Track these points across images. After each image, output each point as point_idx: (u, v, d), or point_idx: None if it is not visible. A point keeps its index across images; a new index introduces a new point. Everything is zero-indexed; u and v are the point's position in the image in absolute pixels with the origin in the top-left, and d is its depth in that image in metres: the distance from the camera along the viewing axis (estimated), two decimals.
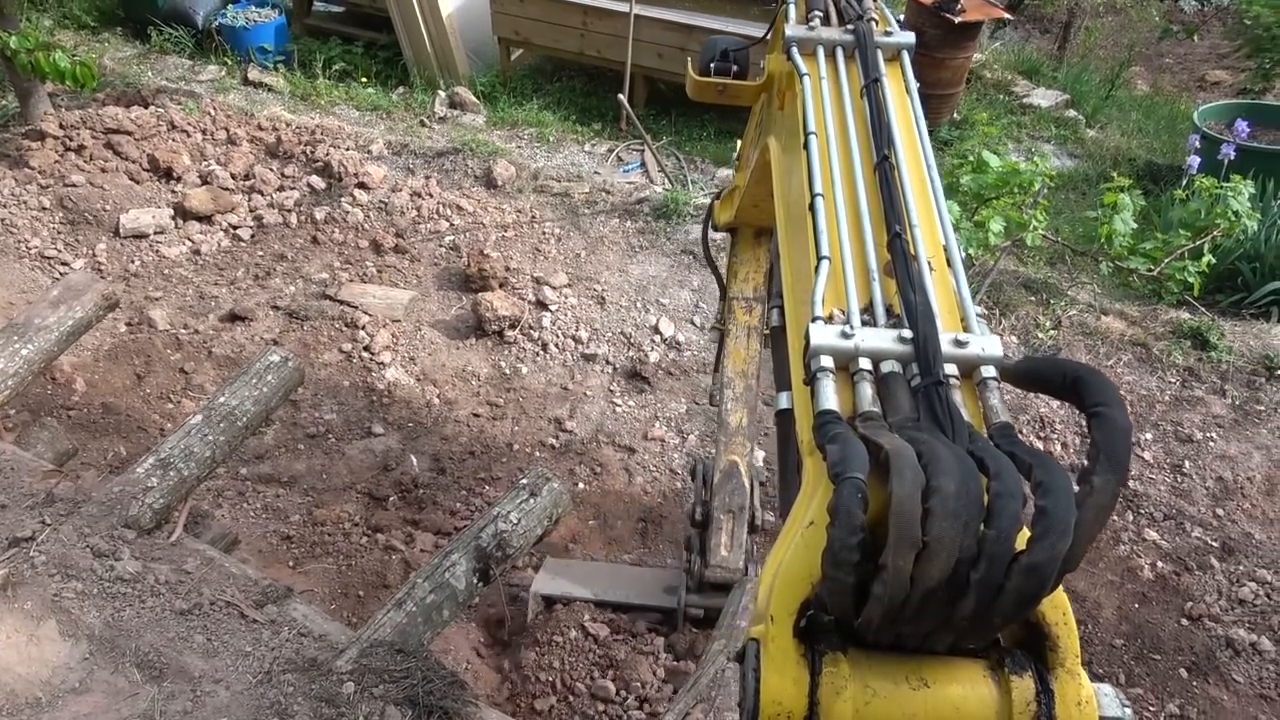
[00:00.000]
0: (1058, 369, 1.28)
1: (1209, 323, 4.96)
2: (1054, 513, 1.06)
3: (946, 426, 1.22)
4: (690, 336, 5.12)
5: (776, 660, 1.17)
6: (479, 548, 2.41)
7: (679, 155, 7.04)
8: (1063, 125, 7.59)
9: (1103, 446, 1.13)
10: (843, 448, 1.15)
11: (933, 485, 1.06)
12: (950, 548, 1.06)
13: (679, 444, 4.53)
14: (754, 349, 3.23)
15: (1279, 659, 3.67)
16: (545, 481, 2.54)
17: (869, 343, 1.35)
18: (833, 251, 1.51)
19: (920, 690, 1.16)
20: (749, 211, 3.06)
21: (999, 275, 5.26)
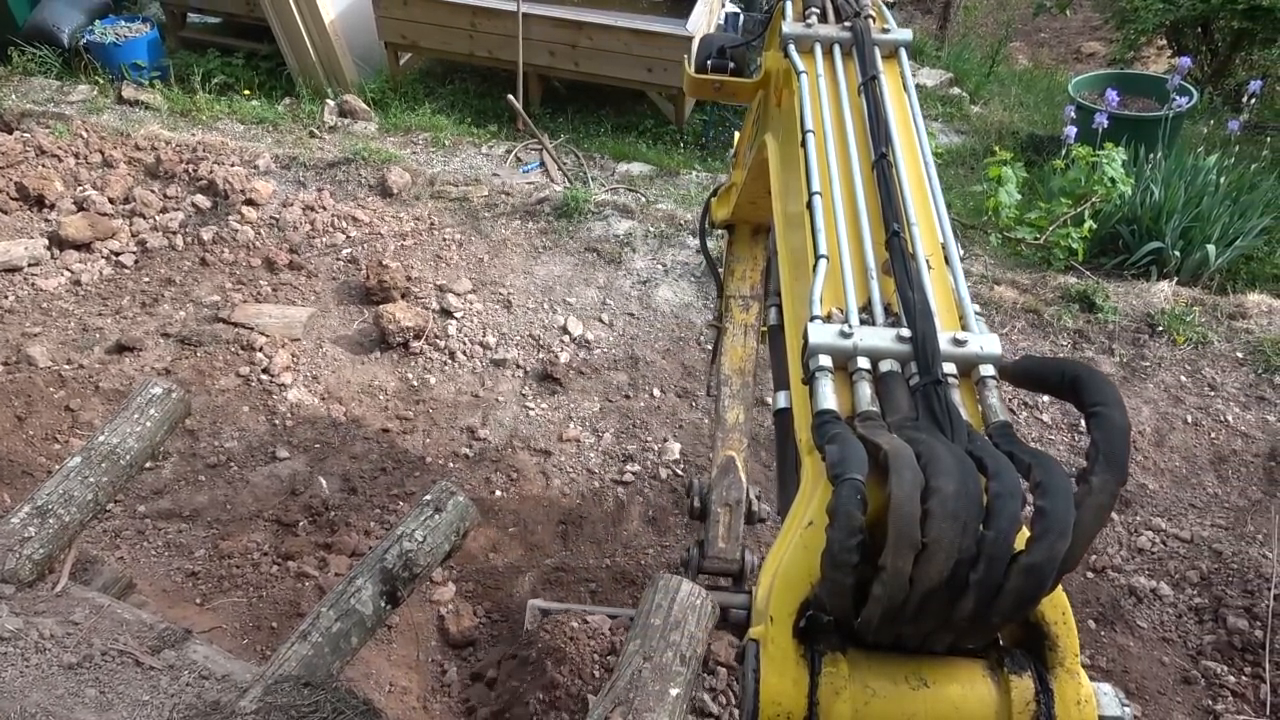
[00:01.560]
0: (1056, 369, 1.28)
1: (1094, 286, 5.18)
2: (1053, 513, 1.06)
3: (945, 426, 1.22)
4: (600, 334, 5.09)
5: (776, 661, 1.17)
6: (385, 570, 2.34)
7: (578, 153, 7.00)
8: (948, 103, 7.82)
9: (1101, 446, 1.13)
10: (841, 448, 1.14)
11: (932, 486, 1.06)
12: (949, 549, 1.05)
13: (594, 443, 4.51)
14: (750, 346, 3.23)
15: (1177, 603, 3.86)
16: (450, 496, 2.49)
17: (867, 342, 1.34)
18: (831, 250, 1.50)
19: (920, 690, 1.16)
20: (746, 209, 3.04)
21: None
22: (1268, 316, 5.00)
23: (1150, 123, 6.21)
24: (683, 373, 4.87)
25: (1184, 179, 5.78)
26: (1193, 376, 4.75)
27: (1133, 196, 5.73)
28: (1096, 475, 1.10)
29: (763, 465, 4.33)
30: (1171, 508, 4.20)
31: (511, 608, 3.76)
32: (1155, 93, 6.68)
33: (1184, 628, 3.77)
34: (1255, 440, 4.51)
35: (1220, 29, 8.30)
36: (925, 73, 8.28)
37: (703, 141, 7.32)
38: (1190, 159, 5.91)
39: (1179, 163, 5.92)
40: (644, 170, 6.75)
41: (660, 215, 5.87)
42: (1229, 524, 4.11)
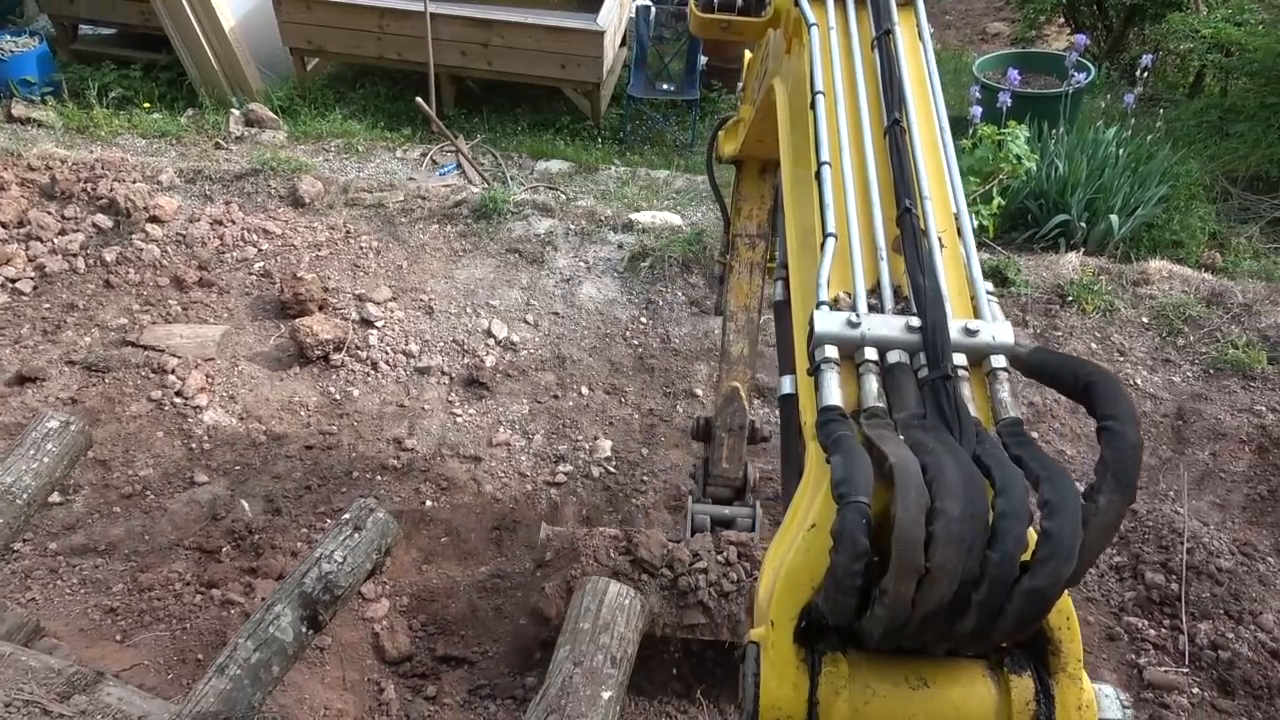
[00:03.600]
0: (1070, 370, 1.24)
1: (1006, 260, 5.32)
2: (1059, 536, 1.04)
3: (953, 424, 1.19)
4: (525, 336, 5.05)
5: (776, 666, 1.16)
6: (304, 594, 2.27)
7: (495, 153, 6.92)
8: None
9: (1111, 464, 1.10)
10: (846, 461, 1.11)
11: (937, 508, 1.04)
12: (953, 574, 1.04)
13: (525, 446, 4.47)
14: (756, 284, 3.28)
15: (1099, 563, 3.98)
16: (369, 513, 2.43)
17: (875, 331, 1.29)
18: (839, 228, 1.44)
19: (919, 690, 1.16)
20: (754, 146, 2.98)
21: None
22: (1169, 282, 5.20)
23: (1051, 99, 6.39)
24: (610, 370, 4.85)
25: (1086, 153, 5.97)
26: (1102, 343, 4.91)
27: (1038, 172, 5.89)
28: (1104, 495, 1.08)
29: None
30: (1089, 472, 4.33)
31: (448, 619, 3.71)
32: (1056, 70, 6.88)
33: (1106, 586, 3.90)
34: (1163, 401, 4.68)
35: (1114, 5, 8.59)
36: None
37: (620, 136, 7.30)
38: (1091, 133, 6.10)
39: (1080, 137, 6.11)
40: (563, 167, 6.71)
41: (581, 212, 5.84)
42: (1142, 484, 4.26)
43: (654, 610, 3.12)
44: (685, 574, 3.21)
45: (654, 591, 3.17)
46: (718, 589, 3.19)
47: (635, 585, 3.14)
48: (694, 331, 5.01)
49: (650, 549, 3.27)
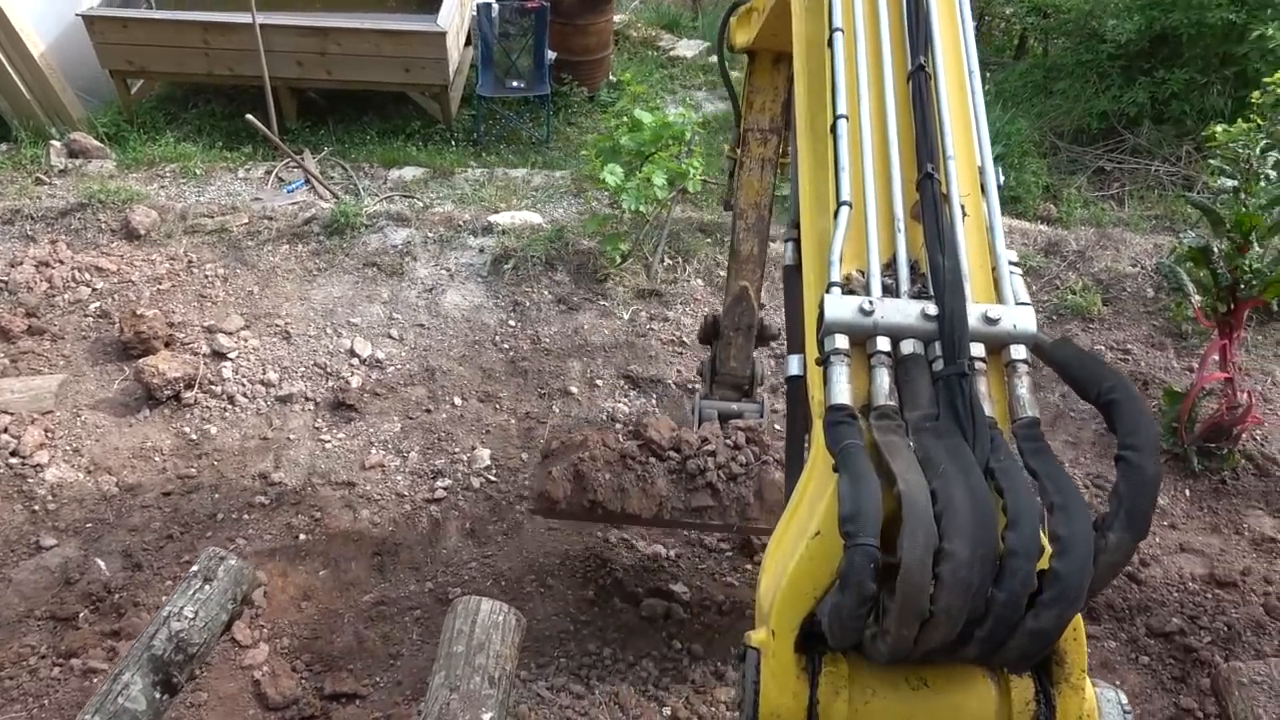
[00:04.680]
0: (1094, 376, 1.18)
1: None
2: (1067, 580, 1.01)
3: (967, 427, 1.14)
4: (390, 351, 4.90)
5: (777, 675, 1.15)
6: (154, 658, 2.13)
7: (345, 164, 6.69)
8: (709, 71, 8.03)
9: (1126, 500, 1.07)
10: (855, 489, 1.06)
11: (945, 550, 1.00)
12: (957, 618, 1.02)
13: (400, 465, 4.34)
14: (767, 181, 3.19)
15: None
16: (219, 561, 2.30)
17: (890, 319, 1.22)
18: (855, 196, 1.34)
19: (919, 690, 1.14)
20: (768, 39, 2.83)
21: (675, 224, 5.48)
22: (1009, 236, 5.46)
23: None
24: (482, 377, 4.77)
25: None
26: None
27: None
28: (1115, 533, 1.05)
29: None
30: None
31: (334, 655, 3.57)
32: None
33: None
34: None
35: None
36: (684, 44, 8.47)
37: (474, 137, 7.17)
38: None
39: None
40: (417, 174, 6.54)
41: (438, 218, 5.71)
42: None
43: (662, 493, 3.10)
44: (693, 456, 3.16)
45: (662, 474, 3.13)
46: (726, 471, 3.15)
47: (643, 468, 3.14)
48: (563, 329, 4.97)
49: (659, 431, 3.22)
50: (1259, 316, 4.81)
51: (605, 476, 3.15)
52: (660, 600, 3.71)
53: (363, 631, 3.64)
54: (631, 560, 3.89)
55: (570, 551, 3.92)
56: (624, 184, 4.94)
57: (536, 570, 3.87)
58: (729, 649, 3.56)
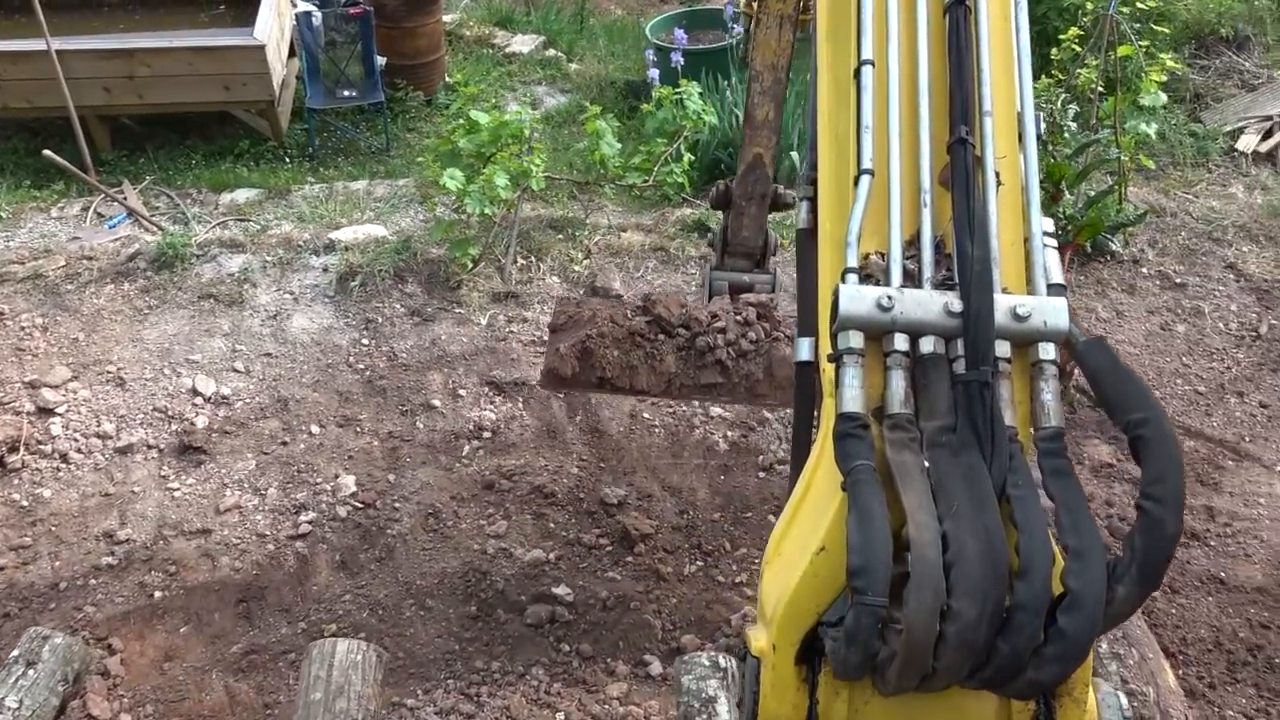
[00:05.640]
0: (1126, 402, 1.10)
1: (706, 213, 5.56)
2: (1073, 637, 0.99)
3: (985, 442, 1.08)
4: (237, 385, 4.65)
5: (777, 687, 1.14)
6: None
7: (170, 193, 6.30)
8: (547, 66, 7.97)
9: (1140, 554, 1.03)
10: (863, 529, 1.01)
11: (953, 609, 0.97)
12: (959, 673, 1.00)
13: (259, 504, 4.13)
14: (786, 40, 2.97)
15: None
16: (43, 642, 2.12)
17: (910, 314, 1.12)
18: (878, 163, 1.20)
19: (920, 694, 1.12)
20: None
21: (524, 224, 5.42)
22: None
23: (719, 52, 6.73)
24: (339, 401, 4.59)
25: None
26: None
27: (721, 123, 6.20)
28: (1125, 586, 1.02)
29: None
30: None
31: (203, 715, 3.37)
32: (720, 24, 7.24)
33: None
34: None
35: None
36: (519, 40, 8.37)
37: (309, 152, 6.88)
38: None
39: None
40: (251, 195, 6.22)
41: (276, 241, 5.46)
42: None
43: (670, 371, 3.05)
44: (703, 333, 3.09)
45: (671, 352, 3.08)
46: (735, 349, 3.10)
47: (652, 345, 3.08)
48: (420, 342, 4.84)
49: (668, 308, 3.15)
50: (1078, 259, 5.14)
51: (614, 354, 3.11)
52: (544, 605, 3.67)
53: (234, 685, 3.45)
54: (512, 569, 3.83)
55: (448, 569, 3.83)
56: (466, 188, 4.84)
57: (414, 593, 3.76)
58: (618, 644, 3.56)
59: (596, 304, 3.37)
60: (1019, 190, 1.23)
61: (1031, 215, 1.21)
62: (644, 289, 5.10)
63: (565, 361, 3.12)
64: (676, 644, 3.55)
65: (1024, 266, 1.20)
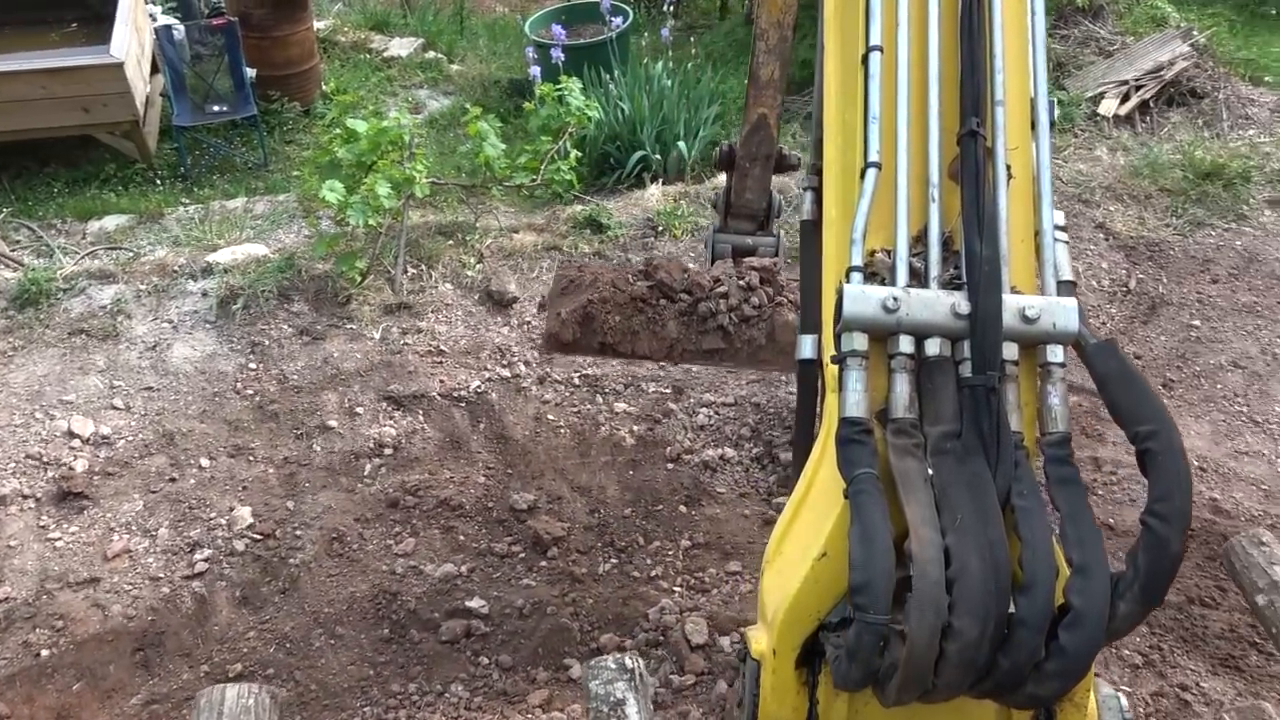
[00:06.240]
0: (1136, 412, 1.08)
1: (597, 208, 5.54)
2: (1073, 654, 0.99)
3: (991, 449, 1.06)
4: (118, 424, 4.42)
5: (777, 690, 1.14)
6: None
7: (31, 225, 5.95)
8: (428, 68, 7.82)
9: (1143, 574, 1.02)
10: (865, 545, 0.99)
11: (955, 628, 0.96)
12: (958, 689, 1.00)
13: (150, 546, 3.93)
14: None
15: (742, 460, 4.34)
16: None
17: (916, 315, 1.08)
18: (886, 155, 1.16)
19: None
20: None
21: (412, 232, 5.30)
22: None
23: (599, 47, 6.72)
24: (229, 430, 4.40)
25: (644, 90, 6.37)
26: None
27: (607, 117, 6.19)
28: (1126, 604, 1.02)
29: None
30: (713, 381, 4.70)
31: None
32: (599, 18, 7.22)
33: (753, 478, 4.27)
34: None
35: None
36: (397, 43, 8.19)
37: (182, 172, 6.59)
38: (643, 71, 6.51)
39: (635, 77, 6.49)
40: (121, 222, 5.93)
41: (150, 268, 5.20)
42: (759, 377, 4.70)
43: (672, 336, 3.02)
44: (705, 299, 3.06)
45: (673, 317, 3.05)
46: (738, 314, 3.07)
47: (654, 310, 3.04)
48: (311, 362, 4.69)
49: (671, 273, 3.11)
50: None
51: (615, 319, 3.08)
52: (459, 620, 3.60)
53: None
54: (423, 587, 3.74)
55: (356, 594, 3.72)
56: (347, 199, 4.70)
57: (323, 622, 3.64)
58: (537, 652, 3.52)
59: (598, 268, 3.32)
60: (1030, 181, 1.21)
61: (1043, 209, 1.19)
62: (540, 290, 5.05)
63: (566, 326, 3.10)
64: (596, 644, 3.53)
65: (1034, 263, 1.19)
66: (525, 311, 4.99)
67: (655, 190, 5.71)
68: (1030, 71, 1.23)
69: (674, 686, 3.34)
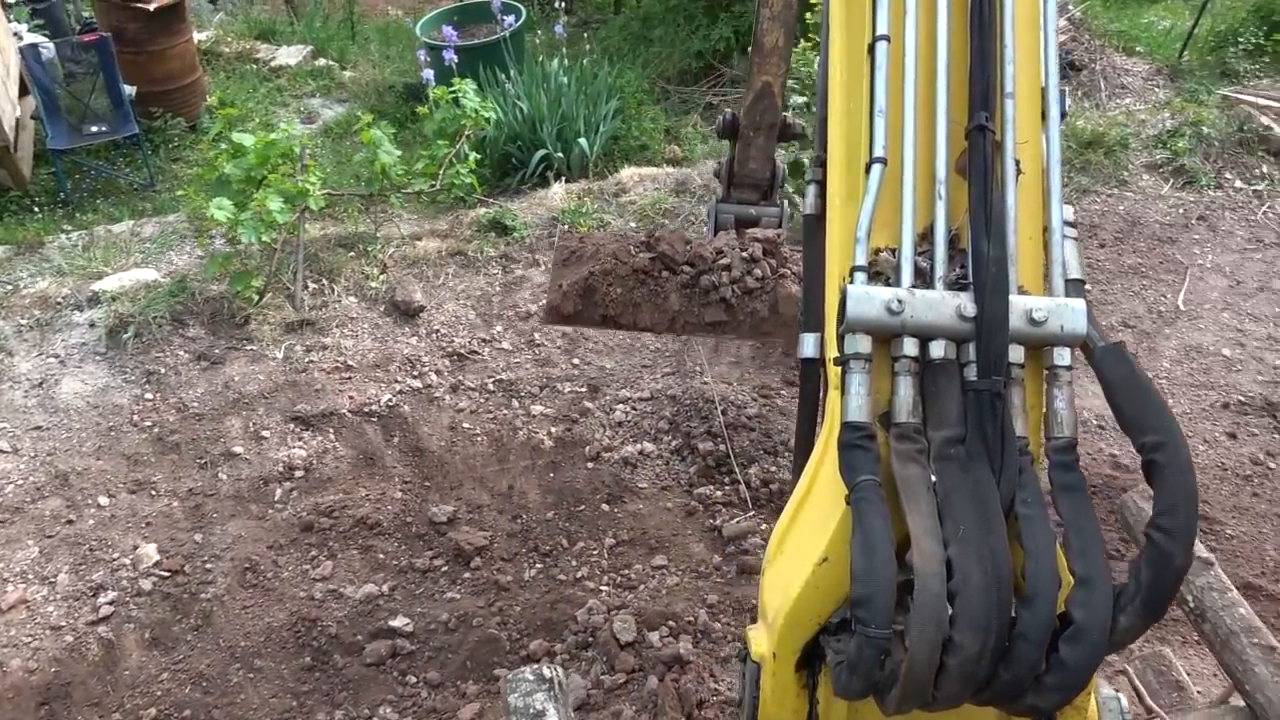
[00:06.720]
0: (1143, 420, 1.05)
1: (501, 210, 5.47)
2: (1074, 667, 0.99)
3: (995, 455, 1.05)
4: (5, 467, 4.18)
5: (777, 693, 1.14)
6: None
7: None
8: (319, 76, 7.61)
9: (1146, 586, 1.00)
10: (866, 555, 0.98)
11: (955, 642, 0.96)
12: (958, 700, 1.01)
13: (48, 594, 3.74)
14: None
15: (662, 453, 4.36)
16: None
17: (920, 317, 1.06)
18: (891, 151, 1.12)
19: None
20: None
21: (310, 245, 5.15)
22: (641, 184, 5.72)
23: (493, 46, 6.63)
24: (128, 465, 4.21)
25: (541, 88, 6.31)
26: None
27: (506, 117, 6.11)
28: (1127, 617, 1.01)
29: None
30: (628, 376, 4.70)
31: None
32: (490, 17, 7.13)
33: (673, 471, 4.28)
34: None
35: None
36: (285, 51, 7.94)
37: (61, 197, 6.27)
38: (539, 69, 6.45)
39: (532, 75, 6.43)
40: None
41: (31, 300, 4.94)
42: (673, 369, 4.72)
43: (674, 309, 2.99)
44: (708, 271, 3.00)
45: (675, 289, 3.00)
46: (741, 286, 3.02)
47: (656, 283, 3.01)
48: (211, 388, 4.52)
49: (673, 245, 3.05)
50: None
51: (617, 291, 3.03)
52: (383, 641, 3.53)
53: None
54: (344, 610, 3.65)
55: (273, 624, 3.61)
56: (238, 217, 4.54)
57: (240, 656, 3.52)
58: (465, 665, 3.47)
59: (600, 239, 3.26)
60: (1040, 175, 1.19)
61: (1052, 204, 1.17)
62: (447, 296, 4.97)
63: (568, 298, 3.06)
64: (525, 651, 3.50)
65: (1042, 261, 1.18)
66: (433, 320, 4.90)
67: (559, 189, 5.67)
68: (1041, 60, 1.22)
69: (605, 686, 3.33)
